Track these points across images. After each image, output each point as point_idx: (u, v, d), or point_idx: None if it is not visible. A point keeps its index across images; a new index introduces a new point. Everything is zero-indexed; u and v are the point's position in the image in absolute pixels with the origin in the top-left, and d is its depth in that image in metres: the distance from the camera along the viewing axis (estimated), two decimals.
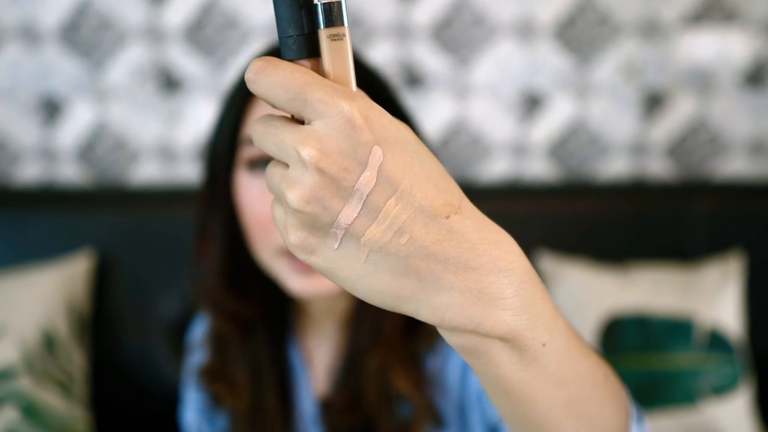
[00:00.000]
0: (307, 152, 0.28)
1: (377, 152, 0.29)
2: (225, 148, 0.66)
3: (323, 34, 0.30)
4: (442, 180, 0.31)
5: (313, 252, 0.31)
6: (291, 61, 0.30)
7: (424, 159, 0.31)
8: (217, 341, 0.74)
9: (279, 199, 0.31)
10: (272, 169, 0.31)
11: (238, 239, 0.69)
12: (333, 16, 0.30)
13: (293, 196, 0.29)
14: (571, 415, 0.36)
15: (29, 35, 1.44)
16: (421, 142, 0.32)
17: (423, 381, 0.67)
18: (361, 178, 0.29)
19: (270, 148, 0.30)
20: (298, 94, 0.29)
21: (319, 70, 0.31)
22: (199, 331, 0.81)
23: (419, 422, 0.66)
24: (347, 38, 0.30)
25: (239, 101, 0.65)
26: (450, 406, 0.68)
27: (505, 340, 0.32)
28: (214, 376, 0.73)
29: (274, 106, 0.30)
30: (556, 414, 0.35)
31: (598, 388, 0.37)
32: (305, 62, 0.30)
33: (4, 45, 1.44)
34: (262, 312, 0.73)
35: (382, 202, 0.29)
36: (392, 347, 0.67)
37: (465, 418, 0.68)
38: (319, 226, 0.30)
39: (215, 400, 0.74)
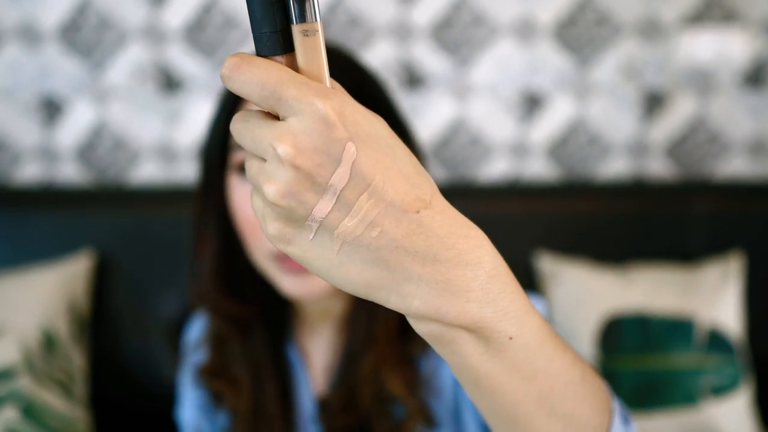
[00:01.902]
0: (283, 149, 0.29)
1: (351, 149, 0.29)
2: (217, 151, 0.67)
3: (296, 29, 0.30)
4: (414, 174, 0.32)
5: (289, 242, 0.32)
6: (266, 57, 0.31)
7: (397, 154, 0.32)
8: (217, 340, 0.74)
9: (257, 190, 0.32)
10: (251, 161, 0.32)
11: (231, 241, 0.70)
12: (305, 12, 0.30)
13: (270, 190, 0.30)
14: (543, 410, 0.36)
15: (29, 35, 1.44)
16: (395, 137, 0.32)
17: (416, 383, 0.68)
18: (335, 174, 0.30)
19: (248, 144, 0.31)
20: (273, 92, 0.29)
21: (293, 65, 0.31)
22: (196, 330, 0.81)
23: (412, 423, 0.67)
24: (320, 33, 0.31)
25: (228, 105, 0.66)
26: (444, 408, 0.69)
27: (471, 330, 0.33)
28: (214, 374, 0.74)
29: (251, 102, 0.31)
30: (526, 408, 0.36)
31: (573, 386, 0.37)
32: (280, 58, 0.31)
33: (4, 45, 1.44)
34: (259, 312, 0.73)
35: (355, 197, 0.30)
36: (386, 349, 0.68)
37: (459, 419, 0.69)
38: (294, 218, 0.31)
39: (216, 398, 0.74)
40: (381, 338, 0.68)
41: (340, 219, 0.30)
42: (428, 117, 1.46)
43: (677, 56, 1.43)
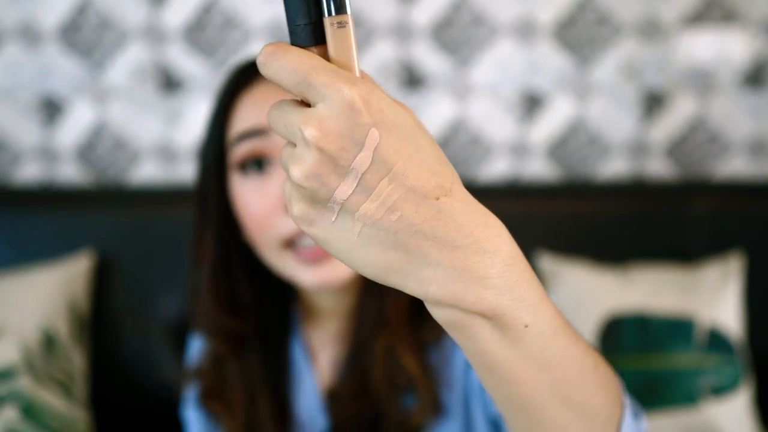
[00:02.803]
0: (309, 132, 0.31)
1: (374, 134, 0.31)
2: (214, 153, 0.67)
3: (327, 22, 0.32)
4: (436, 163, 0.33)
5: (312, 223, 0.33)
6: (299, 47, 0.33)
7: (420, 143, 0.33)
8: (213, 360, 0.74)
9: (287, 173, 0.33)
10: (285, 148, 0.33)
11: (230, 244, 0.70)
12: (337, 5, 0.32)
13: (295, 172, 0.32)
14: (556, 398, 0.37)
15: (29, 35, 1.44)
16: (420, 126, 0.33)
17: (428, 369, 0.68)
18: (357, 158, 0.31)
19: (281, 130, 0.33)
20: (304, 78, 0.31)
21: (325, 55, 0.33)
22: (197, 347, 0.81)
23: (423, 407, 0.67)
24: (350, 25, 0.32)
25: (223, 105, 0.66)
26: (454, 399, 0.69)
27: (487, 317, 0.34)
28: (210, 397, 0.73)
29: (283, 88, 0.32)
30: (540, 396, 0.37)
31: (586, 376, 0.38)
32: (313, 49, 0.33)
33: (4, 45, 1.44)
34: (256, 323, 0.73)
35: (376, 181, 0.31)
36: (398, 332, 0.68)
37: (469, 412, 0.69)
38: (318, 200, 0.32)
39: (213, 418, 0.74)
40: (392, 320, 0.69)
41: (361, 202, 0.32)
42: (428, 117, 1.46)
43: (677, 56, 1.43)
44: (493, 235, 0.33)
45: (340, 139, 0.30)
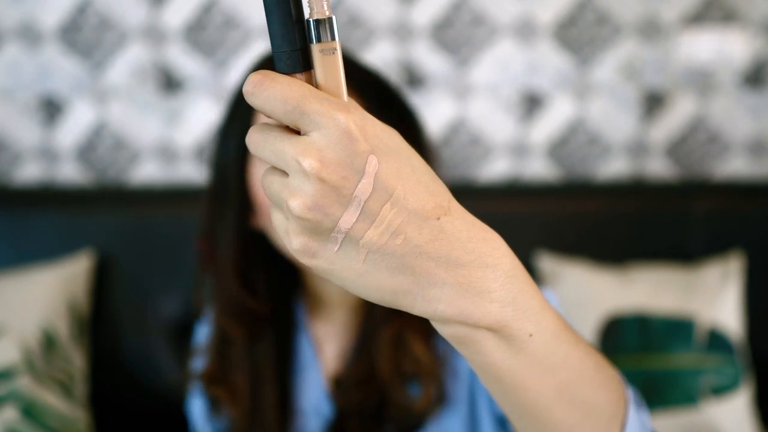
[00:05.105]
0: (309, 163, 0.30)
1: (373, 161, 0.31)
2: (237, 151, 0.66)
3: (315, 48, 0.31)
4: (432, 183, 0.33)
5: (315, 255, 0.32)
6: (285, 74, 0.32)
7: (415, 164, 0.33)
8: (219, 346, 0.74)
9: (279, 206, 0.32)
10: (270, 177, 0.32)
11: (251, 241, 0.70)
12: (324, 32, 0.31)
13: (296, 204, 0.31)
14: (562, 401, 0.38)
15: (29, 35, 1.44)
16: (411, 148, 0.34)
17: (436, 355, 0.69)
18: (359, 186, 0.31)
19: (269, 157, 0.32)
20: (296, 106, 0.30)
21: (312, 82, 0.32)
22: (204, 333, 0.81)
23: (428, 395, 0.68)
24: (338, 52, 0.32)
25: (248, 105, 0.65)
26: (460, 390, 0.70)
27: (493, 330, 0.34)
28: (213, 381, 0.74)
29: (271, 118, 0.31)
30: (546, 400, 0.37)
31: (589, 377, 0.39)
32: (299, 75, 0.32)
33: (4, 45, 1.44)
34: (271, 309, 0.74)
35: (378, 207, 0.31)
36: (407, 318, 0.69)
37: (474, 404, 0.70)
38: (320, 231, 0.32)
39: (214, 404, 0.75)
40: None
41: (365, 229, 0.31)
42: (428, 117, 1.46)
43: (677, 56, 1.43)
44: (493, 249, 0.34)
45: (341, 168, 0.30)
